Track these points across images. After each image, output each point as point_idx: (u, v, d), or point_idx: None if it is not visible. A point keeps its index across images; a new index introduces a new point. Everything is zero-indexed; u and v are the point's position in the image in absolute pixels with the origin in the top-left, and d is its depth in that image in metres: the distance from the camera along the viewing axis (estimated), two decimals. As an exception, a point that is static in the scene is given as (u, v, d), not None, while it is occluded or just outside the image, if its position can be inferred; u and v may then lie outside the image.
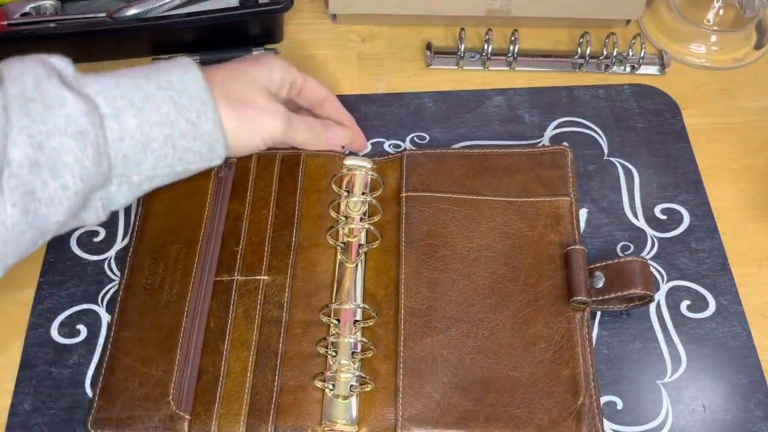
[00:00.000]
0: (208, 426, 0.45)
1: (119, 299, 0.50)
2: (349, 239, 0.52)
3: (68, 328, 0.50)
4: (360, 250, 0.51)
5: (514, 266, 0.50)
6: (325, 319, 0.48)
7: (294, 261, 0.51)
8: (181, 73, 0.44)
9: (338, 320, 0.48)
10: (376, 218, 0.53)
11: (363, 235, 0.52)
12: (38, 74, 0.41)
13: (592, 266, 0.49)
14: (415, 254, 0.50)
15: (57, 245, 0.53)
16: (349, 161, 0.55)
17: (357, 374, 0.46)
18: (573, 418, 0.45)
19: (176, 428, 0.45)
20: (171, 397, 0.45)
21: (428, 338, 0.47)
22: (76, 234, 0.54)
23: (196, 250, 0.50)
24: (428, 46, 0.65)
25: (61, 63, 0.42)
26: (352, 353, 0.47)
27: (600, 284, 0.48)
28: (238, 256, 0.51)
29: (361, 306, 0.49)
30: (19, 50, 0.61)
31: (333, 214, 0.53)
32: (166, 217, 0.53)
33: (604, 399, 0.47)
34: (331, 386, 0.46)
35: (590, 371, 0.46)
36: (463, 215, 0.52)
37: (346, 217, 0.53)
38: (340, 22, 0.68)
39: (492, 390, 0.45)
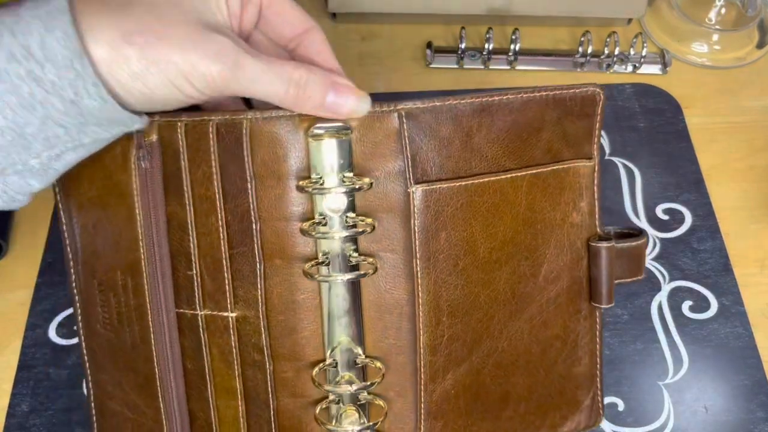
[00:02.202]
0: None
1: (82, 335, 0.43)
2: (329, 250, 0.39)
3: (66, 329, 0.50)
4: (350, 262, 0.39)
5: (536, 259, 0.43)
6: (316, 384, 0.40)
7: (264, 290, 0.39)
8: (43, 31, 0.30)
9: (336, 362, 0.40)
10: (368, 221, 0.39)
11: (348, 246, 0.39)
12: None
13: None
14: (434, 274, 0.39)
15: (55, 246, 0.53)
16: (316, 129, 0.37)
17: (367, 426, 0.41)
18: (581, 411, 0.44)
19: None
20: None
21: (450, 373, 0.41)
22: (75, 234, 0.54)
23: (142, 282, 0.40)
24: (428, 45, 0.65)
25: None
26: (359, 402, 0.41)
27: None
28: (195, 283, 0.40)
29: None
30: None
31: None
32: (95, 229, 0.42)
33: (605, 400, 0.47)
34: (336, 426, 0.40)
35: (597, 362, 0.45)
36: (488, 207, 0.40)
37: (323, 215, 0.39)
38: (340, 21, 0.67)
39: (510, 402, 0.43)
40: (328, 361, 0.40)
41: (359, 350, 0.40)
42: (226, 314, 0.40)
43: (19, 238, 0.54)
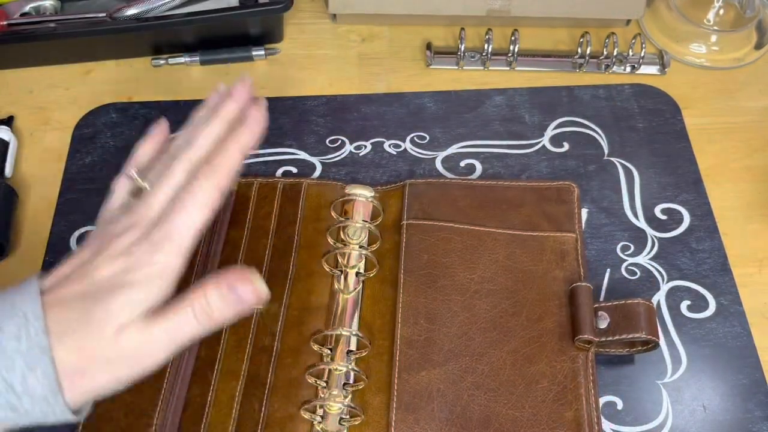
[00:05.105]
0: None
1: None
2: (346, 269, 0.50)
3: (68, 329, 0.50)
4: (358, 278, 0.50)
5: (517, 300, 0.48)
6: (316, 347, 0.47)
7: (290, 290, 0.49)
8: (26, 369, 0.32)
9: (330, 349, 0.47)
10: (375, 246, 0.51)
11: (361, 264, 0.51)
12: None
13: (597, 305, 0.47)
14: (414, 283, 0.49)
15: (56, 246, 0.53)
16: (349, 189, 0.53)
17: (347, 404, 0.45)
18: None
19: None
20: (154, 428, 0.43)
21: (424, 371, 0.45)
22: (76, 234, 0.54)
23: (190, 277, 0.47)
24: (428, 46, 0.65)
25: None
26: (344, 384, 0.46)
27: (604, 325, 0.46)
28: None
29: (355, 333, 0.47)
30: (19, 50, 0.62)
31: (330, 240, 0.51)
32: None
33: (604, 399, 0.47)
34: (319, 418, 0.44)
35: (594, 414, 0.44)
36: (465, 246, 0.50)
37: (345, 244, 0.51)
38: (340, 21, 0.67)
39: (491, 429, 0.44)
40: (328, 329, 0.47)
41: (354, 331, 0.47)
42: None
43: (21, 239, 0.54)
